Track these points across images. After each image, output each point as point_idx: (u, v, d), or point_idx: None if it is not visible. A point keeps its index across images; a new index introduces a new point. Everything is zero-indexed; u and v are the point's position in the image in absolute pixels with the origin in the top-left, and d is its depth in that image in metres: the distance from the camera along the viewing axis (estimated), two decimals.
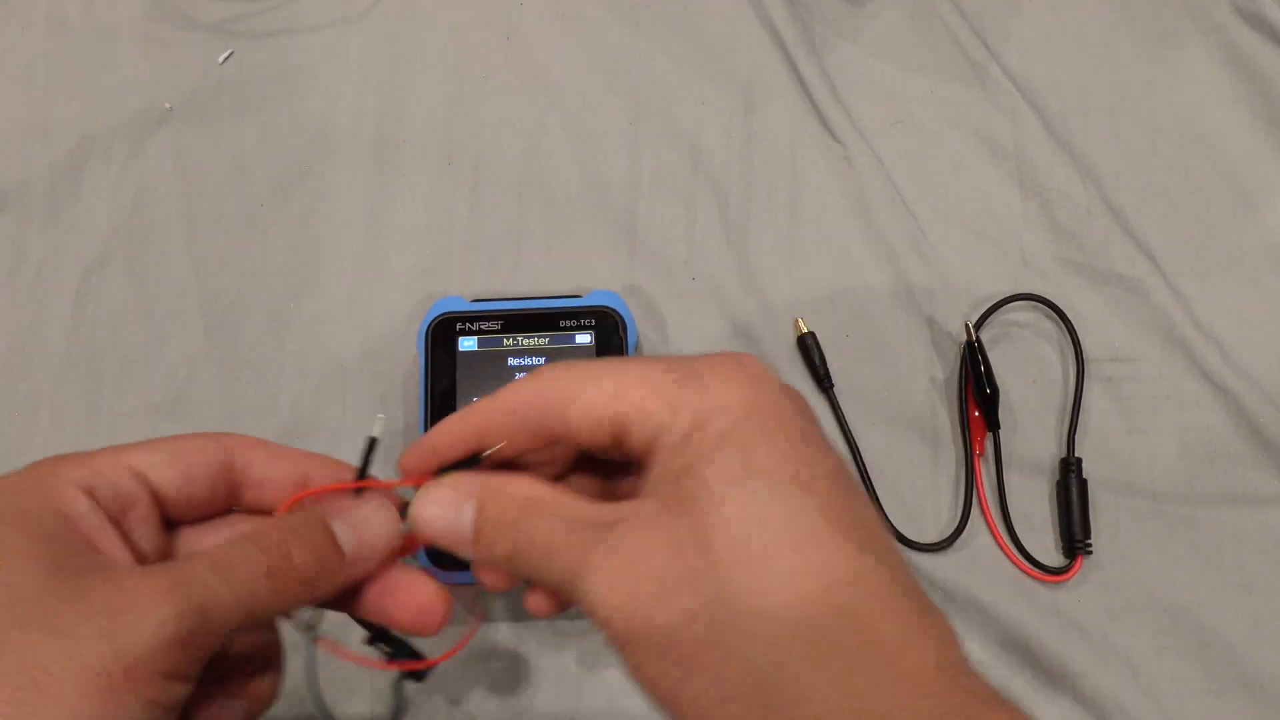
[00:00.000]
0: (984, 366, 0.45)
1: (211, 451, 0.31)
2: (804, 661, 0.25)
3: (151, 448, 0.30)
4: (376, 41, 0.52)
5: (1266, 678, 0.43)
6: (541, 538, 0.28)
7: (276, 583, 0.28)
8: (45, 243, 0.49)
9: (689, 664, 0.25)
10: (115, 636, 0.25)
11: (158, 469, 0.30)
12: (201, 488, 0.31)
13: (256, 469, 0.31)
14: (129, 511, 0.29)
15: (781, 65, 0.51)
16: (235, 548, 0.28)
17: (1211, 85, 0.50)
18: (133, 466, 0.29)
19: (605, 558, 0.27)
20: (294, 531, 0.29)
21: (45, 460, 0.29)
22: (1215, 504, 0.45)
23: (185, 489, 0.30)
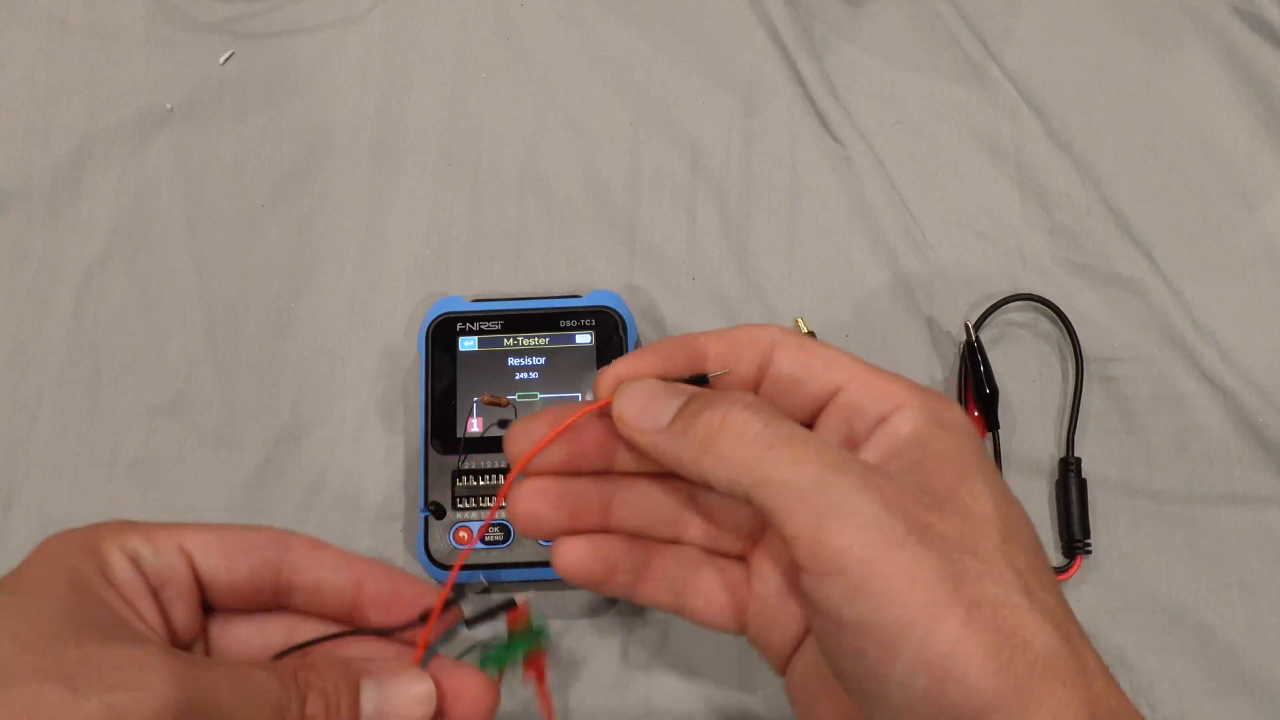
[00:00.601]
0: (984, 366, 0.45)
1: (264, 547, 0.31)
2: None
3: (207, 530, 0.30)
4: (377, 42, 0.52)
5: (1266, 678, 0.43)
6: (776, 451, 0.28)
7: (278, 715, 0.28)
8: (45, 243, 0.49)
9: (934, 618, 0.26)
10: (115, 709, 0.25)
11: (205, 551, 0.30)
12: (244, 579, 0.30)
13: (310, 572, 0.31)
14: (167, 586, 0.30)
15: (781, 65, 0.51)
16: (259, 670, 0.28)
17: (1211, 86, 0.50)
18: (178, 542, 0.30)
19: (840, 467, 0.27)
20: (319, 684, 0.29)
21: (106, 523, 0.30)
22: (1215, 504, 0.45)
23: (228, 577, 0.30)
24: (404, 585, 0.32)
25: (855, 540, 0.26)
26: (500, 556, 0.42)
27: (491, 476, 0.43)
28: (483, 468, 0.43)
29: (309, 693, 0.28)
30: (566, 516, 0.31)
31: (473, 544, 0.42)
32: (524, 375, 0.44)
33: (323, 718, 0.28)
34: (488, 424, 0.44)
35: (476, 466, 0.43)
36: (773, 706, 0.43)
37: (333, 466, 0.45)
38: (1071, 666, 0.26)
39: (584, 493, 0.32)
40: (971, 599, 0.26)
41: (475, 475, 0.43)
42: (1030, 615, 0.26)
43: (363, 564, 0.32)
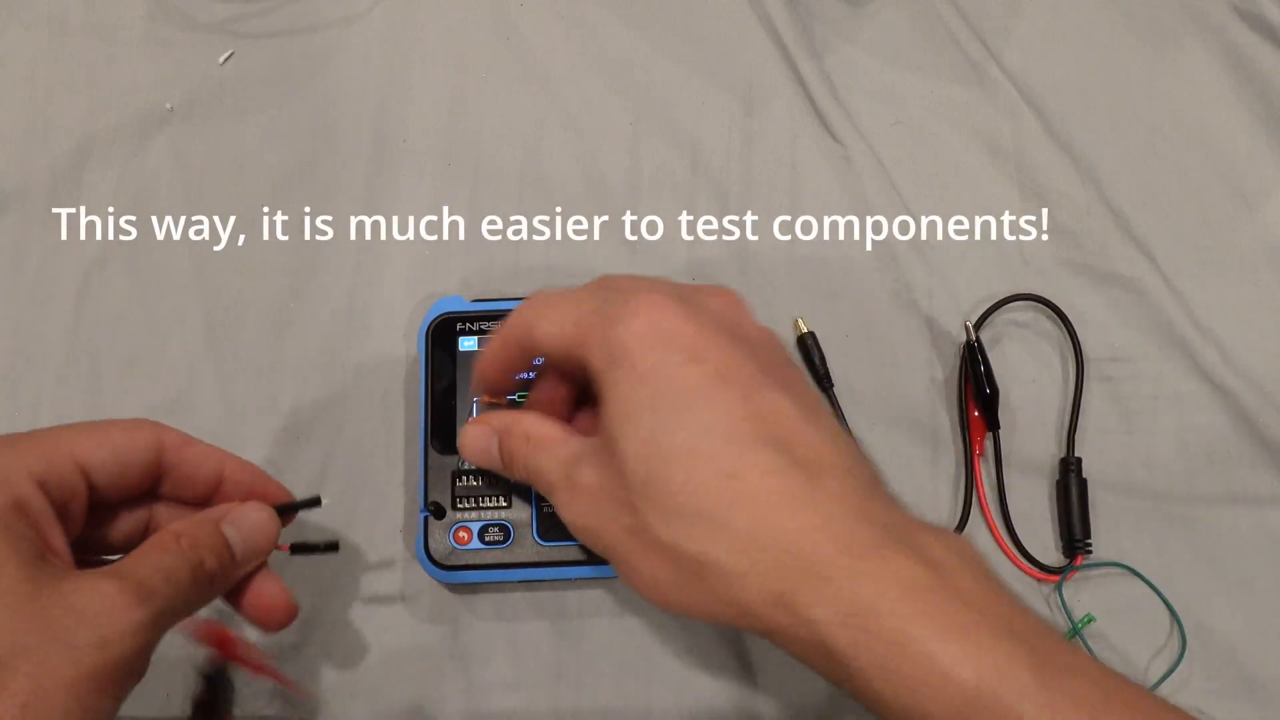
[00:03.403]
0: (984, 366, 0.45)
1: (147, 448, 0.34)
2: (708, 547, 0.31)
3: (95, 439, 0.33)
4: (376, 41, 0.52)
5: (1266, 678, 0.43)
6: (540, 470, 0.36)
7: (197, 587, 0.32)
8: (45, 243, 0.49)
9: (631, 564, 0.32)
10: (109, 646, 0.28)
11: (99, 462, 0.32)
12: (132, 480, 0.34)
13: (183, 466, 0.35)
14: (70, 503, 0.32)
15: (781, 65, 0.51)
16: (169, 557, 0.32)
17: (1211, 85, 0.50)
18: (76, 458, 0.32)
19: (570, 493, 0.34)
20: (202, 540, 0.33)
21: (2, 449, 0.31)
22: (1215, 504, 0.45)
23: (119, 481, 0.33)
24: (259, 477, 0.36)
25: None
26: (500, 557, 0.42)
27: (491, 477, 0.43)
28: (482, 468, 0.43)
29: (202, 554, 0.32)
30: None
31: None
32: (523, 375, 0.44)
33: (217, 565, 0.33)
34: None
35: (476, 467, 0.43)
36: (773, 707, 0.43)
37: (332, 466, 0.45)
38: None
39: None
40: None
41: (475, 475, 0.43)
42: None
43: (221, 454, 0.36)
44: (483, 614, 0.44)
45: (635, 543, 0.32)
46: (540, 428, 0.36)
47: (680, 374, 0.32)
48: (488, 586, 0.44)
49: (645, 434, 0.31)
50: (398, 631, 0.43)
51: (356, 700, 0.43)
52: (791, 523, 0.30)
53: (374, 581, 0.44)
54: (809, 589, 0.30)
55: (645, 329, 0.32)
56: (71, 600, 0.29)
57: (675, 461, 0.31)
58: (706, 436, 0.31)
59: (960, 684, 0.28)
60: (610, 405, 0.32)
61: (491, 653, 0.43)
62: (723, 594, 0.31)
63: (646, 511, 0.31)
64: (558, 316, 0.35)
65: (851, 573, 0.29)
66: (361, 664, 0.43)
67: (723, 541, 0.30)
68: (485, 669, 0.43)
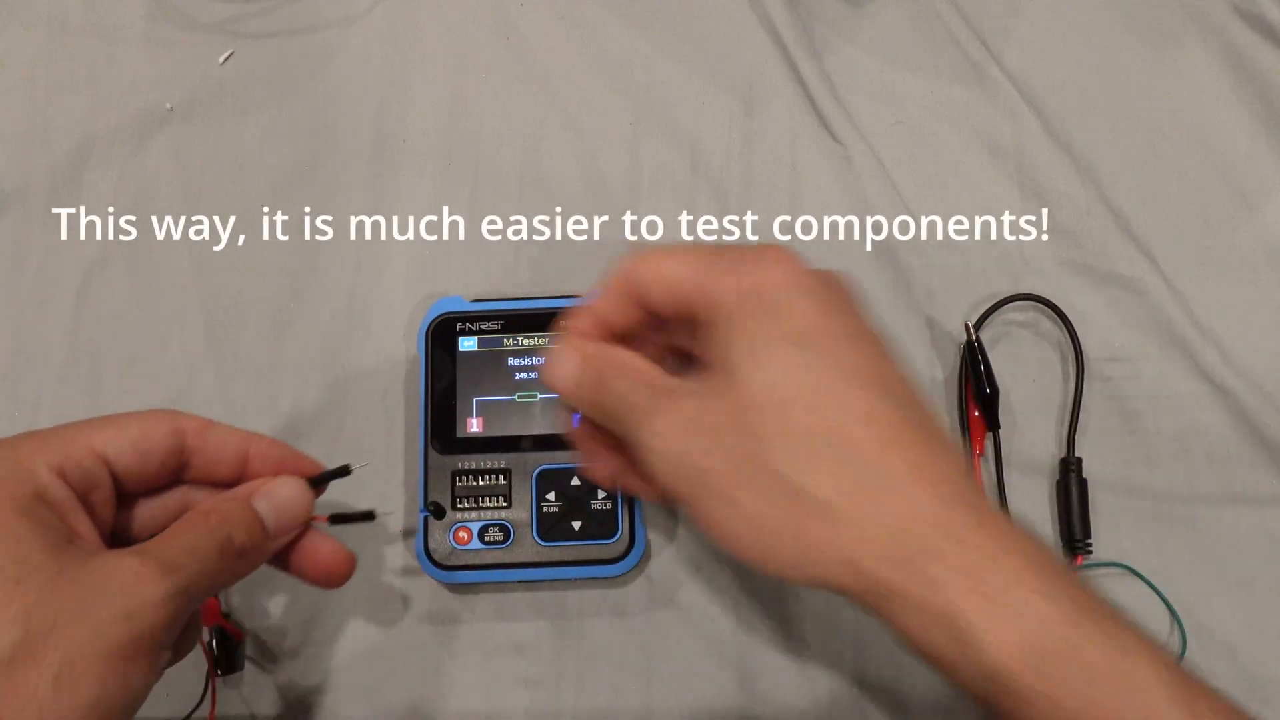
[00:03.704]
0: (984, 366, 0.45)
1: (166, 435, 0.34)
2: (826, 483, 0.29)
3: (111, 430, 0.33)
4: (376, 41, 0.52)
5: (1266, 678, 0.43)
6: (621, 392, 0.34)
7: (225, 561, 0.33)
8: (45, 243, 0.49)
9: (731, 497, 0.30)
10: (134, 618, 0.29)
11: (118, 451, 0.33)
12: (154, 467, 0.34)
13: (204, 448, 0.35)
14: (93, 492, 0.32)
15: (781, 65, 0.51)
16: (195, 534, 0.32)
17: (1211, 85, 0.50)
18: (94, 449, 0.32)
19: (664, 414, 0.32)
20: (231, 516, 0.33)
21: (14, 439, 0.32)
22: (1215, 504, 0.45)
23: (141, 469, 0.34)
24: (287, 452, 0.37)
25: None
26: (500, 557, 0.42)
27: (491, 477, 0.43)
28: (482, 468, 0.43)
29: (231, 529, 0.33)
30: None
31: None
32: (524, 375, 0.44)
33: (248, 542, 0.33)
34: (487, 424, 0.44)
35: (476, 467, 0.43)
36: (773, 707, 0.43)
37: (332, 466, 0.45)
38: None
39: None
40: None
41: (475, 475, 0.43)
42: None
43: (251, 437, 0.36)
44: (483, 614, 0.44)
45: (741, 473, 0.30)
46: (633, 358, 0.35)
47: (818, 320, 0.32)
48: (488, 586, 0.44)
49: (783, 365, 0.31)
50: (398, 631, 0.43)
51: (356, 700, 0.43)
52: (929, 477, 0.29)
53: (374, 581, 0.44)
54: (943, 551, 0.28)
55: (783, 276, 0.32)
56: (96, 576, 0.29)
57: (814, 394, 0.30)
58: (846, 379, 0.31)
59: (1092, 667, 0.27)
60: (741, 338, 0.32)
61: (491, 653, 0.43)
62: (830, 540, 0.29)
63: (770, 439, 0.30)
64: (678, 257, 0.34)
65: (993, 543, 0.28)
66: (361, 664, 0.43)
67: (849, 482, 0.29)
68: (485, 669, 0.43)
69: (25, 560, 0.29)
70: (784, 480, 0.30)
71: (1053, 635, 0.27)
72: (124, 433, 0.33)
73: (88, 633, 0.28)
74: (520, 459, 0.43)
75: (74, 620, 0.28)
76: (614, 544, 0.42)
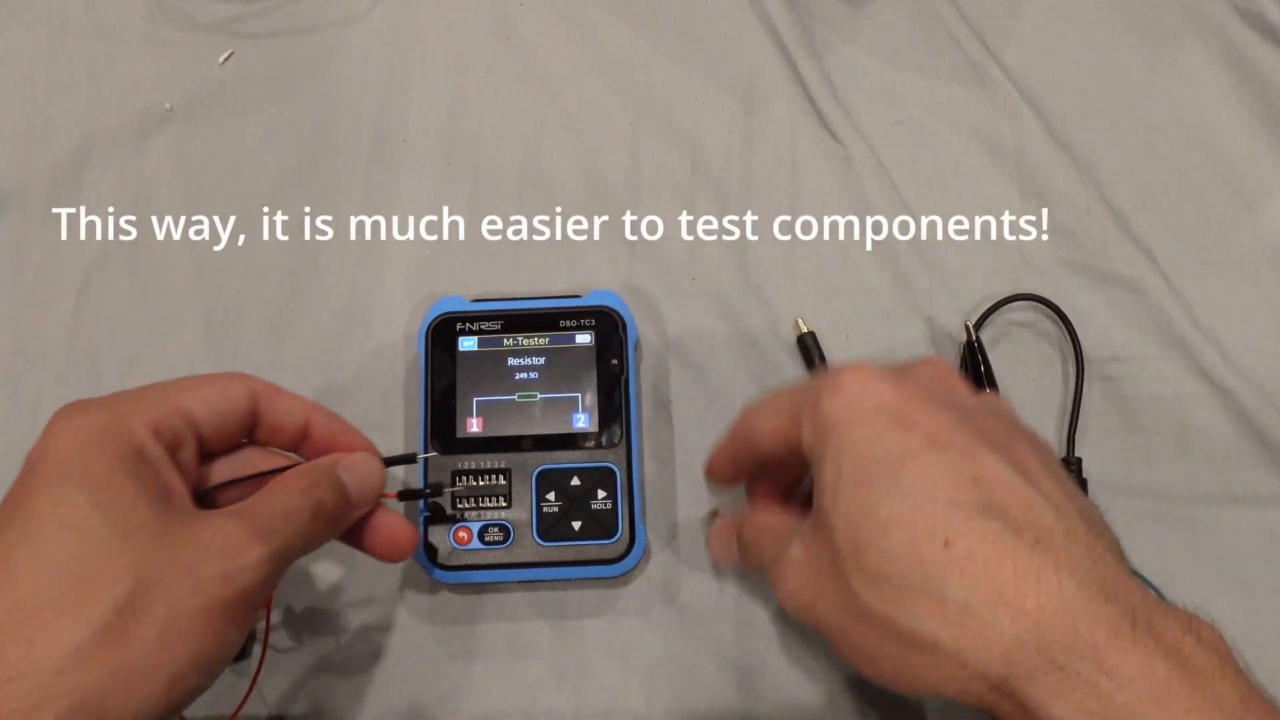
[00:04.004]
0: (984, 366, 0.45)
1: (242, 398, 0.36)
2: (928, 615, 0.29)
3: (196, 391, 0.35)
4: (376, 41, 0.52)
5: (1266, 678, 0.43)
6: (760, 551, 0.37)
7: (317, 524, 0.34)
8: (45, 243, 0.49)
9: (853, 639, 0.32)
10: (234, 579, 0.31)
11: (202, 412, 0.34)
12: (230, 427, 0.36)
13: (273, 415, 0.36)
14: (180, 450, 0.34)
15: (781, 65, 0.51)
16: (290, 498, 0.34)
17: (1211, 85, 0.50)
18: (182, 409, 0.34)
19: (782, 569, 0.34)
20: (322, 482, 0.35)
21: (110, 399, 0.33)
22: (1215, 504, 0.45)
23: (219, 429, 0.35)
24: (344, 427, 0.38)
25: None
26: (500, 557, 0.42)
27: (490, 477, 0.43)
28: (482, 468, 0.43)
29: (323, 494, 0.35)
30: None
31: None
32: (524, 375, 0.44)
33: (337, 507, 0.35)
34: (487, 424, 0.44)
35: (476, 467, 0.43)
36: (773, 708, 0.42)
37: None
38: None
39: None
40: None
41: (475, 475, 0.43)
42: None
43: (313, 408, 0.37)
44: (483, 614, 0.44)
45: (848, 617, 0.31)
46: (765, 516, 0.38)
47: (889, 441, 0.31)
48: (488, 586, 0.44)
49: (854, 504, 0.31)
50: (398, 631, 0.43)
51: (356, 700, 0.43)
52: (1018, 595, 0.28)
53: (374, 581, 0.44)
54: (1041, 678, 0.27)
55: (851, 399, 0.32)
56: (199, 538, 0.31)
57: (885, 529, 0.30)
58: (916, 503, 0.30)
59: None
60: (820, 479, 0.32)
61: (491, 653, 0.43)
62: (940, 670, 0.29)
63: (856, 582, 0.30)
64: (775, 405, 0.35)
65: (1095, 665, 0.27)
66: (362, 664, 0.43)
67: (940, 614, 0.29)
68: (485, 669, 0.43)
69: (132, 517, 0.30)
70: (879, 619, 0.30)
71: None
72: (206, 394, 0.35)
73: (191, 590, 0.30)
74: (520, 459, 0.43)
75: (179, 577, 0.30)
76: (614, 544, 0.42)
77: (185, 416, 0.34)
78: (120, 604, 0.29)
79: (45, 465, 0.31)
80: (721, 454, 0.39)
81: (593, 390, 0.44)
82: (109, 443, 0.31)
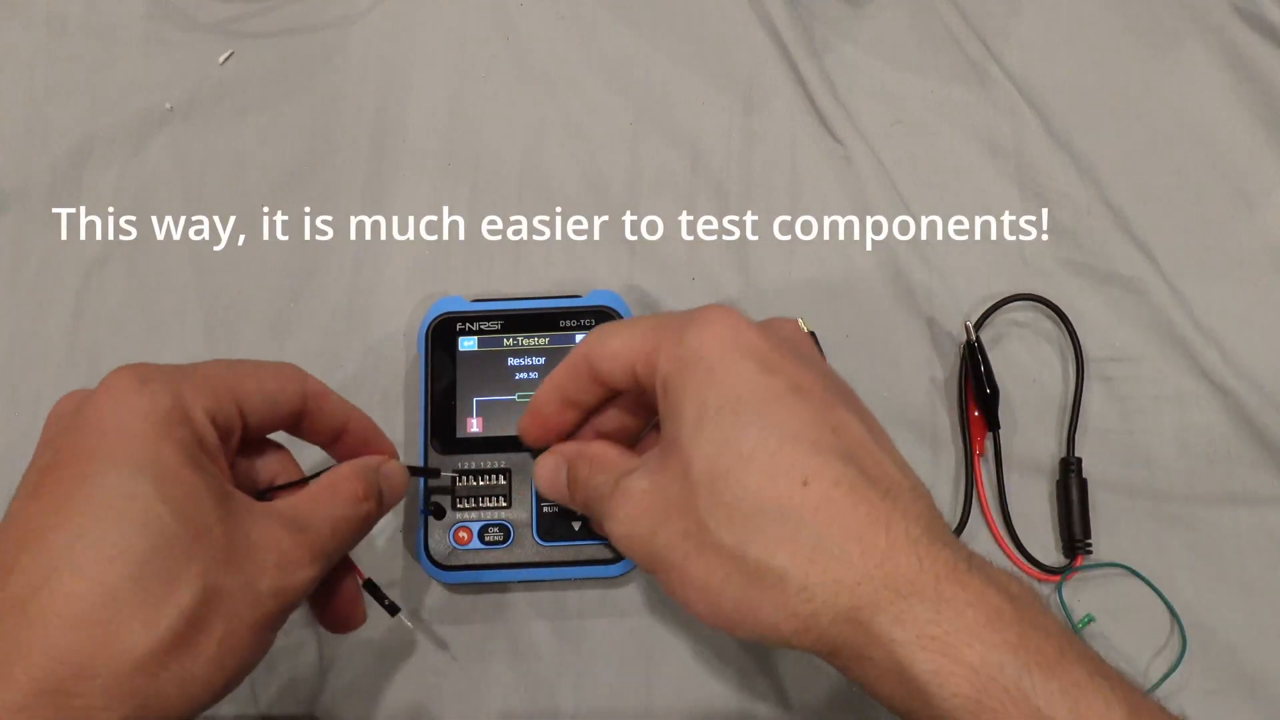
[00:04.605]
0: (984, 366, 0.45)
1: (295, 395, 0.36)
2: (769, 550, 0.30)
3: (255, 380, 0.34)
4: (376, 42, 0.52)
5: (1266, 678, 0.43)
6: (594, 486, 0.35)
7: (359, 536, 0.35)
8: (45, 243, 0.49)
9: (690, 571, 0.31)
10: (285, 594, 0.31)
11: (255, 402, 0.34)
12: (276, 421, 0.35)
13: (319, 412, 0.37)
14: (229, 437, 0.34)
15: (781, 65, 0.51)
16: (341, 507, 0.34)
17: (1211, 85, 0.50)
18: (236, 396, 0.33)
19: (619, 501, 0.33)
20: (371, 492, 0.36)
21: (173, 374, 0.32)
22: (1215, 504, 0.45)
23: (266, 421, 0.35)
24: (375, 432, 0.39)
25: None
26: (500, 557, 0.42)
27: (490, 477, 0.43)
28: (482, 468, 0.43)
29: (370, 506, 0.35)
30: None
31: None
32: (524, 375, 0.44)
33: (377, 517, 0.36)
34: (487, 424, 0.44)
35: (476, 467, 0.43)
36: (773, 707, 0.43)
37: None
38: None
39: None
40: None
41: (475, 475, 0.43)
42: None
43: (351, 410, 0.38)
44: (483, 614, 0.44)
45: (691, 546, 0.31)
46: (604, 450, 0.36)
47: (756, 381, 0.31)
48: (488, 586, 0.44)
49: (719, 435, 0.31)
50: (398, 631, 0.43)
51: (356, 700, 0.43)
52: (869, 535, 0.29)
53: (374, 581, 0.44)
54: (887, 607, 0.28)
55: (721, 336, 0.32)
56: (257, 549, 0.31)
57: (750, 463, 0.30)
58: (780, 441, 0.30)
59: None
60: (678, 409, 0.32)
61: (491, 653, 0.43)
62: (783, 605, 0.29)
63: (711, 512, 0.30)
64: (625, 331, 0.35)
65: (936, 594, 0.28)
66: (361, 664, 0.43)
67: (791, 547, 0.29)
68: (485, 669, 0.43)
69: (197, 517, 0.30)
70: (728, 550, 0.30)
71: (1000, 685, 0.27)
72: (267, 386, 0.34)
73: (249, 605, 0.30)
74: (520, 459, 0.43)
75: (239, 591, 0.30)
76: None
77: (241, 406, 0.33)
78: (188, 614, 0.29)
79: (107, 443, 0.30)
80: (546, 394, 0.37)
81: None
82: (175, 429, 0.30)
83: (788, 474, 0.30)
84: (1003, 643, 0.28)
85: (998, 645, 0.28)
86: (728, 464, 0.30)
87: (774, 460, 0.30)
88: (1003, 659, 0.27)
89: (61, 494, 0.29)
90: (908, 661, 0.28)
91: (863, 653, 0.29)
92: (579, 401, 0.37)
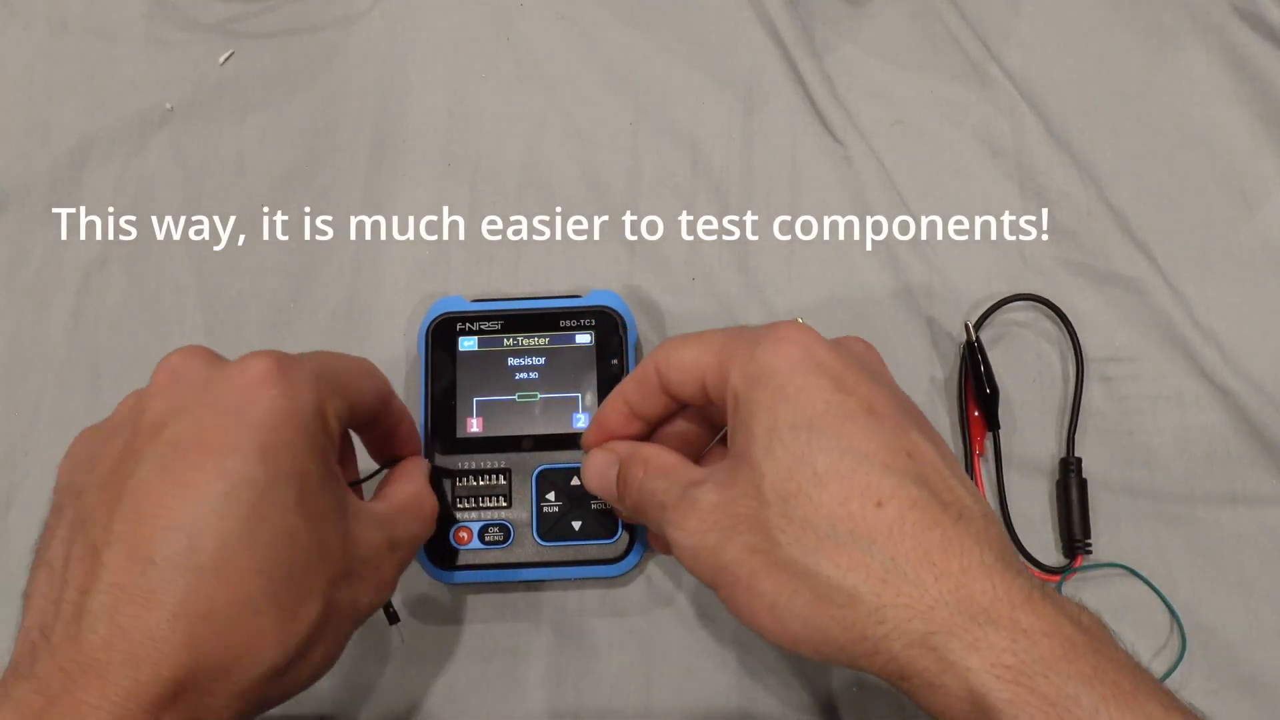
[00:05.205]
0: (984, 366, 0.45)
1: (380, 396, 0.37)
2: (840, 571, 0.29)
3: (361, 382, 0.35)
4: (376, 41, 0.52)
5: (1266, 678, 0.43)
6: (653, 491, 0.35)
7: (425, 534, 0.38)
8: (45, 243, 0.49)
9: (758, 586, 0.31)
10: (374, 608, 0.34)
11: (358, 403, 0.35)
12: (356, 421, 0.36)
13: (388, 415, 0.38)
14: (342, 439, 0.35)
15: (781, 65, 0.51)
16: (420, 525, 0.37)
17: (1211, 85, 0.50)
18: (351, 398, 0.34)
19: (686, 511, 0.33)
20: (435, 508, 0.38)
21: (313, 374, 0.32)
22: (1215, 504, 0.45)
23: (352, 420, 0.35)
24: (413, 433, 0.40)
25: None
26: (500, 557, 0.42)
27: (491, 477, 0.43)
28: (482, 468, 0.43)
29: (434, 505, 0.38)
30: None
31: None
32: (524, 375, 0.44)
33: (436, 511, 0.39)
34: (487, 424, 0.44)
35: (476, 467, 0.43)
36: (773, 707, 0.43)
37: None
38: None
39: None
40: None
41: (475, 475, 0.43)
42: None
43: (404, 411, 0.39)
44: (483, 614, 0.44)
45: (759, 562, 0.31)
46: (661, 455, 0.36)
47: (830, 400, 0.31)
48: (488, 586, 0.44)
49: (792, 453, 0.31)
50: (397, 631, 0.43)
51: (357, 700, 0.43)
52: (943, 559, 0.29)
53: None
54: (961, 634, 0.28)
55: (794, 354, 0.32)
56: (365, 567, 0.33)
57: (820, 481, 0.30)
58: (854, 462, 0.30)
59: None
60: (750, 424, 0.32)
61: (492, 653, 0.43)
62: (854, 626, 0.29)
63: (783, 529, 0.30)
64: (696, 344, 0.34)
65: (1012, 622, 0.28)
66: (362, 664, 0.43)
67: (864, 568, 0.29)
68: (485, 669, 0.43)
69: (327, 534, 0.31)
70: (799, 568, 0.30)
71: (1075, 718, 0.27)
72: (366, 387, 0.35)
73: (350, 619, 0.32)
74: (520, 459, 0.43)
75: (347, 605, 0.32)
76: (614, 544, 0.42)
77: (351, 403, 0.34)
78: (312, 631, 0.30)
79: (254, 442, 0.29)
80: (613, 406, 0.37)
81: (593, 390, 0.44)
82: (316, 437, 0.31)
83: (862, 495, 0.30)
84: (1078, 674, 0.27)
85: (1073, 677, 0.27)
86: (800, 482, 0.30)
87: (848, 481, 0.30)
88: (1078, 691, 0.27)
89: (204, 486, 0.29)
90: (983, 690, 0.27)
91: (935, 680, 0.28)
92: (646, 414, 0.37)
